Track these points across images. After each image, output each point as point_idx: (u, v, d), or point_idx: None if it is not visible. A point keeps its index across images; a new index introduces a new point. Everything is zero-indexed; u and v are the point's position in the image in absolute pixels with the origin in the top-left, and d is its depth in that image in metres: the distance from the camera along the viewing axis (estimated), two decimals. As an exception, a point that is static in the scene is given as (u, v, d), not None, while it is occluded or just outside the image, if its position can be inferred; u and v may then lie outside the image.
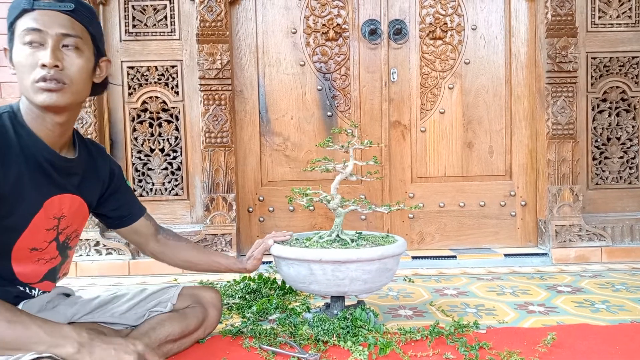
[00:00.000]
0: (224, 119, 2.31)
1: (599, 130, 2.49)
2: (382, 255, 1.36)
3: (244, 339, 1.36)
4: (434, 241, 2.51)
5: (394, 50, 2.46)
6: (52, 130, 1.07)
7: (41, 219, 1.07)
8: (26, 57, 1.01)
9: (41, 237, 1.09)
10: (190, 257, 1.40)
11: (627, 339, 1.34)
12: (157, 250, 1.37)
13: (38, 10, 1.01)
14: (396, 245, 1.42)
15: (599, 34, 2.46)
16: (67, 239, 1.16)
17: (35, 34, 1.00)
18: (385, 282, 1.45)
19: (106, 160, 1.25)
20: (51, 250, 1.13)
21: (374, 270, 1.36)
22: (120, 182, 1.29)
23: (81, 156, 1.16)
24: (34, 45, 1.00)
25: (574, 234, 2.36)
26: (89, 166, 1.19)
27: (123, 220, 1.31)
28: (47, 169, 1.07)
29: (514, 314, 1.61)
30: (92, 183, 1.21)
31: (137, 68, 2.38)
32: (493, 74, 2.48)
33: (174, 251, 1.38)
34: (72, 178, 1.14)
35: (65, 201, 1.12)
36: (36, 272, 1.12)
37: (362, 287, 1.38)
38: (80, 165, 1.16)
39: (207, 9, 2.28)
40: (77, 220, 1.18)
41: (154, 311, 1.25)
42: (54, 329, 0.94)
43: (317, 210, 2.47)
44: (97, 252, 2.29)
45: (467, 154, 2.50)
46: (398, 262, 1.46)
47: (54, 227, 1.11)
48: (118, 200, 1.28)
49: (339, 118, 2.47)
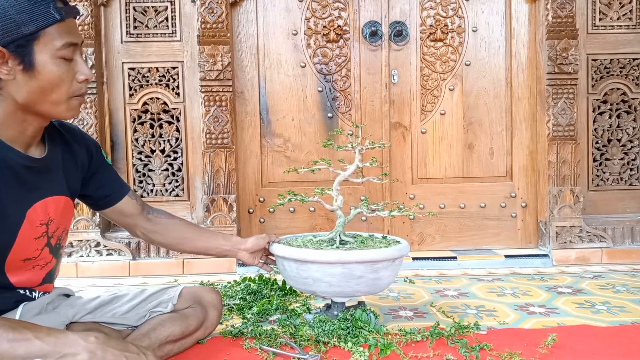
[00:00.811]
0: (225, 120, 2.32)
1: (600, 132, 2.49)
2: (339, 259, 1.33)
3: (245, 340, 1.36)
4: (435, 242, 2.51)
5: (394, 52, 2.47)
6: (28, 133, 1.03)
7: (27, 230, 1.02)
8: (66, 71, 0.99)
9: (32, 246, 1.05)
10: (185, 234, 1.35)
11: (628, 340, 1.34)
12: (148, 229, 1.33)
13: (67, 19, 0.98)
14: (372, 252, 1.36)
15: (599, 36, 2.46)
16: (58, 240, 1.13)
17: (72, 48, 0.99)
18: (356, 289, 1.39)
19: (81, 142, 1.19)
20: (45, 256, 1.09)
21: (337, 274, 1.33)
22: (99, 161, 1.24)
23: (55, 148, 1.11)
24: (67, 58, 0.98)
25: (574, 235, 2.36)
26: (66, 156, 1.14)
27: (107, 201, 1.27)
28: (23, 176, 1.01)
29: (514, 315, 1.60)
30: (72, 174, 1.16)
31: (138, 69, 2.38)
32: (494, 76, 2.48)
33: (167, 229, 1.34)
34: (52, 176, 1.09)
35: (50, 204, 1.08)
36: (34, 278, 1.09)
37: (328, 289, 1.37)
38: (56, 159, 1.10)
39: (208, 11, 2.28)
40: (65, 219, 1.14)
41: (154, 312, 1.25)
42: (59, 339, 0.90)
43: (317, 211, 2.47)
44: (97, 253, 2.29)
45: (467, 155, 2.50)
46: (374, 270, 1.36)
47: (43, 234, 1.06)
48: (99, 180, 1.24)
49: (339, 119, 2.47)
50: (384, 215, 1.50)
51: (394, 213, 1.51)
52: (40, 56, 0.96)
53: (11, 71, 0.95)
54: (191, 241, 1.36)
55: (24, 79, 0.96)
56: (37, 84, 0.97)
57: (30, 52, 0.95)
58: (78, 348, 0.89)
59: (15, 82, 0.96)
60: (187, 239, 1.37)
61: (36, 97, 0.98)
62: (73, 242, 2.28)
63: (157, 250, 2.33)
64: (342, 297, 1.45)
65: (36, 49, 0.95)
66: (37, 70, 0.96)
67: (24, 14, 0.94)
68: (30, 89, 0.97)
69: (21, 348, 0.87)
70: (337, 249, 1.39)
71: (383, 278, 1.39)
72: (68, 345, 0.89)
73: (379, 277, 1.38)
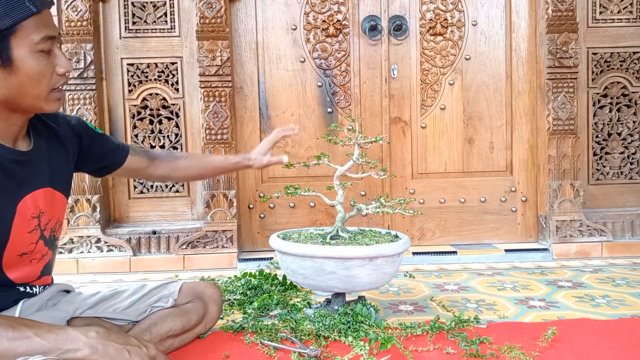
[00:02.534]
0: (224, 116, 2.31)
1: (600, 126, 2.49)
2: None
3: (245, 335, 1.36)
4: (435, 237, 2.51)
5: (394, 47, 2.46)
6: (14, 128, 1.01)
7: (19, 224, 1.01)
8: (45, 65, 0.96)
9: (26, 241, 1.04)
10: (196, 172, 1.44)
11: (628, 334, 1.34)
12: (161, 175, 1.38)
13: (44, 11, 0.95)
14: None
15: (599, 30, 2.45)
16: (52, 231, 1.12)
17: (50, 41, 0.96)
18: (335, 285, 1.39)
19: (66, 127, 1.16)
20: (40, 249, 1.09)
21: (308, 267, 1.37)
22: (90, 136, 1.20)
23: (40, 139, 1.09)
24: (45, 52, 0.96)
25: (574, 229, 2.36)
26: (53, 145, 1.12)
27: (112, 166, 1.27)
28: (11, 171, 1.00)
29: (514, 309, 1.61)
30: (61, 163, 1.14)
31: (137, 65, 2.38)
32: (494, 70, 2.48)
33: (177, 172, 1.40)
34: (39, 168, 1.07)
35: (39, 197, 1.06)
36: (32, 272, 1.09)
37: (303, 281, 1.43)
38: (41, 151, 1.08)
39: (206, 6, 2.28)
40: (57, 210, 1.13)
41: (155, 307, 1.25)
42: (59, 335, 0.89)
43: (317, 206, 2.47)
44: (98, 249, 2.29)
45: (467, 149, 2.50)
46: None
47: (35, 227, 1.05)
48: (96, 153, 1.22)
49: (339, 114, 2.47)
50: (384, 213, 1.50)
51: (387, 210, 1.49)
52: (18, 51, 0.93)
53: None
54: (202, 176, 1.51)
55: (2, 76, 0.93)
56: (16, 80, 0.94)
57: (7, 47, 0.92)
58: (79, 344, 0.89)
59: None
60: (197, 175, 1.50)
61: (17, 92, 0.95)
62: (73, 239, 2.28)
63: (157, 246, 2.33)
64: (320, 291, 1.47)
65: (13, 43, 0.92)
66: (16, 65, 0.93)
67: (7, 11, 0.90)
68: (9, 85, 0.94)
69: (22, 346, 0.86)
70: (320, 244, 1.40)
71: (358, 276, 1.35)
72: (69, 341, 0.89)
73: (352, 275, 1.35)
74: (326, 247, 1.37)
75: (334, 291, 1.45)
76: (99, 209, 2.30)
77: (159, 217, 2.43)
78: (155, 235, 2.33)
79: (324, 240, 1.45)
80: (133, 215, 2.44)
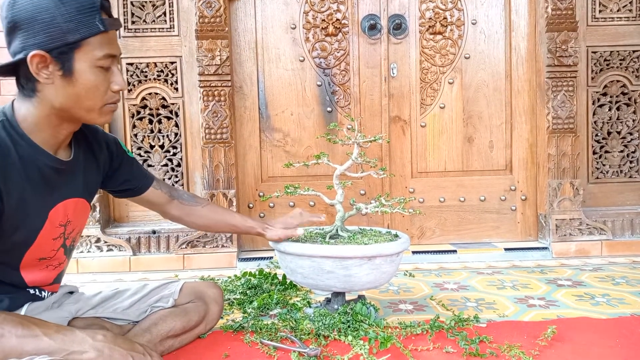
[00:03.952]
0: (224, 115, 2.31)
1: (600, 124, 2.49)
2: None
3: (245, 334, 1.36)
4: (435, 236, 2.51)
5: (393, 45, 2.46)
6: (60, 137, 1.06)
7: (48, 230, 1.05)
8: (102, 80, 1.01)
9: (49, 246, 1.08)
10: (209, 223, 1.43)
11: (627, 332, 1.34)
12: (175, 215, 1.39)
13: (110, 31, 1.01)
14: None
15: (599, 28, 2.45)
16: (72, 241, 1.15)
17: (110, 59, 1.02)
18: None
19: (102, 142, 1.21)
20: (59, 257, 1.12)
21: (306, 266, 1.38)
22: (121, 158, 1.25)
23: (79, 150, 1.13)
24: (104, 68, 1.01)
25: (574, 228, 2.36)
26: (88, 157, 1.16)
27: (132, 191, 1.30)
28: (49, 177, 1.04)
29: (514, 307, 1.61)
30: (92, 175, 1.18)
31: (136, 64, 2.38)
32: (493, 69, 2.48)
33: (191, 218, 1.40)
34: (74, 178, 1.11)
35: (70, 206, 1.10)
36: (46, 278, 1.11)
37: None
38: (79, 162, 1.13)
39: (206, 5, 2.27)
40: (81, 220, 1.17)
41: (155, 307, 1.25)
42: (67, 337, 0.91)
43: (317, 205, 2.47)
44: (98, 249, 2.29)
45: (467, 148, 2.50)
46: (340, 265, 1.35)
47: (60, 234, 1.09)
48: (122, 175, 1.26)
49: (338, 113, 2.47)
50: (384, 212, 1.50)
51: (387, 209, 1.49)
52: (79, 64, 0.98)
53: (50, 76, 0.98)
54: (214, 229, 1.48)
55: (61, 84, 0.99)
56: (73, 90, 0.99)
57: (71, 58, 0.98)
58: (85, 346, 0.91)
59: (53, 86, 0.99)
60: (210, 227, 1.48)
61: (72, 102, 1.00)
62: (73, 238, 2.28)
63: (157, 246, 2.34)
64: (320, 290, 1.46)
65: (77, 56, 0.98)
66: (75, 77, 0.99)
67: (71, 23, 0.96)
68: (66, 94, 1.00)
69: (29, 344, 0.88)
70: (319, 243, 1.40)
71: (357, 275, 1.35)
72: (76, 343, 0.91)
73: (350, 274, 1.35)
74: (324, 246, 1.37)
75: (333, 290, 1.45)
76: (99, 208, 2.30)
77: (159, 216, 2.40)
78: (155, 234, 2.33)
79: (324, 239, 1.45)
80: (133, 215, 2.44)
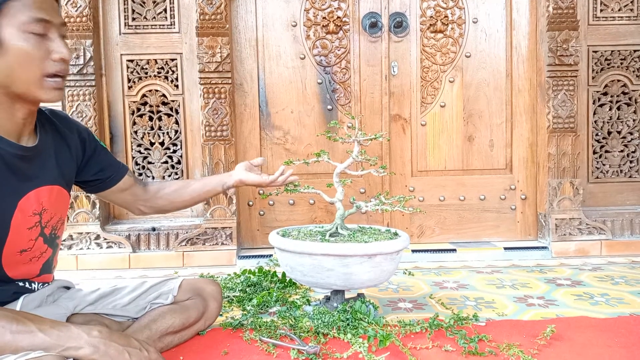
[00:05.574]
0: (224, 113, 2.31)
1: (600, 124, 2.49)
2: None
3: (245, 332, 1.36)
4: (434, 234, 2.51)
5: (394, 44, 2.45)
6: (19, 121, 0.99)
7: (19, 220, 1.00)
8: (35, 48, 0.93)
9: (25, 237, 1.03)
10: (183, 198, 1.38)
11: (626, 332, 1.34)
12: (148, 204, 1.34)
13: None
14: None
15: (600, 28, 2.44)
16: (53, 229, 1.11)
17: (42, 24, 0.94)
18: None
19: (73, 130, 1.16)
20: (40, 247, 1.08)
21: (306, 264, 1.38)
22: (94, 144, 1.21)
23: (47, 136, 1.08)
24: (37, 34, 0.93)
25: (574, 228, 2.36)
26: (59, 144, 1.12)
27: (105, 183, 1.26)
28: (14, 166, 0.99)
29: (513, 306, 1.61)
30: (66, 162, 1.13)
31: (136, 61, 2.37)
32: (494, 68, 2.47)
33: (165, 201, 1.36)
34: (45, 164, 1.06)
35: (43, 194, 1.05)
36: (31, 270, 1.09)
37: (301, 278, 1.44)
38: (48, 148, 1.08)
39: (206, 2, 2.27)
40: (60, 208, 1.12)
41: (155, 303, 1.25)
42: (62, 332, 0.90)
43: (317, 203, 2.47)
44: (97, 246, 2.29)
45: (467, 147, 2.50)
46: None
47: (36, 223, 1.04)
48: (96, 166, 1.22)
49: (339, 112, 2.46)
50: (384, 211, 1.50)
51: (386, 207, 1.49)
52: (6, 30, 0.91)
53: None
54: (186, 190, 1.38)
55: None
56: (5, 61, 0.92)
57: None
58: (81, 342, 0.90)
59: None
60: (181, 188, 1.38)
61: (7, 75, 0.93)
62: (73, 235, 2.28)
63: (157, 243, 2.34)
64: (320, 288, 1.46)
65: (10, 24, 0.91)
66: (5, 46, 0.92)
67: None
68: (0, 67, 0.93)
69: (24, 340, 0.87)
70: (319, 241, 1.40)
71: (357, 273, 1.35)
72: (72, 338, 0.90)
73: (350, 272, 1.35)
74: (324, 244, 1.37)
75: (332, 288, 1.45)
76: (99, 205, 2.30)
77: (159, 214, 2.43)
78: (155, 232, 2.33)
79: (323, 237, 1.45)
80: (132, 212, 2.44)
